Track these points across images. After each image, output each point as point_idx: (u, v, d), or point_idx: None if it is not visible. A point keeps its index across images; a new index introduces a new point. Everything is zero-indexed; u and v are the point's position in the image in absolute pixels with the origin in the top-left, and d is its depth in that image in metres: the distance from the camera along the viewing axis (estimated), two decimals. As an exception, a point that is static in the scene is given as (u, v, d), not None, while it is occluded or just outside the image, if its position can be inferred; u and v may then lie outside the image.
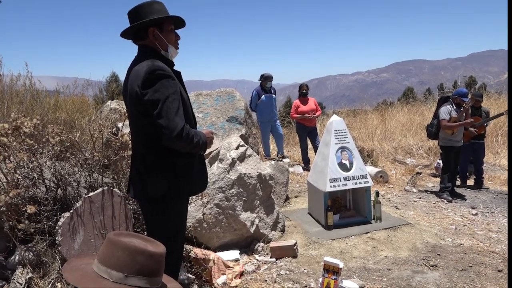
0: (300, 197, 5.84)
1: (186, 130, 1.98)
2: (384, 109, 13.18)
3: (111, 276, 1.23)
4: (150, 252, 1.26)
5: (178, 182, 2.15)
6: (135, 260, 1.24)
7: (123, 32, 2.18)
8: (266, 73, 7.50)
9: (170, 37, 2.19)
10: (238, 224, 3.91)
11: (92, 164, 3.21)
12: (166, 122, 1.94)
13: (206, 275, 3.25)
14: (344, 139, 4.70)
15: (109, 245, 1.26)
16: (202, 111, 5.31)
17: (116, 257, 1.24)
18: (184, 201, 2.30)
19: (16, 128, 2.93)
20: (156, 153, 2.11)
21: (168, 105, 1.96)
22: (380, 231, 4.34)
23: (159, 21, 2.13)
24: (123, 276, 1.22)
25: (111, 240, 1.27)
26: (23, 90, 5.95)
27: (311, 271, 3.52)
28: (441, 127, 5.86)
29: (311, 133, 7.67)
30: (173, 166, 2.13)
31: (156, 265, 1.28)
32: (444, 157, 6.10)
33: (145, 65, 2.03)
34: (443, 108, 5.90)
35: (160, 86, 1.98)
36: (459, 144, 5.88)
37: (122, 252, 1.24)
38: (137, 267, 1.24)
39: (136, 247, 1.25)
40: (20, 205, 2.76)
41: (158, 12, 2.12)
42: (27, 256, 2.76)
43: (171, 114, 1.95)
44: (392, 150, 9.40)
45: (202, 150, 2.17)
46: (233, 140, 4.29)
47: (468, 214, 5.19)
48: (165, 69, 2.04)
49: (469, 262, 3.63)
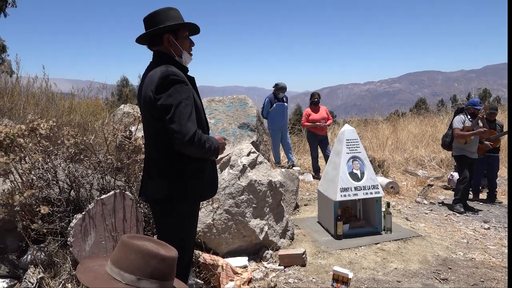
0: (309, 206, 5.82)
1: (198, 135, 2.00)
2: (396, 119, 13.09)
3: (123, 278, 1.24)
4: (163, 256, 1.27)
5: (189, 186, 2.17)
6: (148, 263, 1.25)
7: (138, 38, 2.22)
8: (280, 83, 7.53)
9: (184, 43, 2.22)
10: (247, 230, 3.91)
11: (105, 167, 3.25)
12: (178, 127, 1.96)
13: (214, 281, 3.26)
14: (356, 148, 4.68)
15: (123, 248, 1.28)
16: (214, 117, 5.34)
17: (129, 260, 1.25)
18: (193, 206, 2.30)
19: (32, 130, 2.99)
20: (168, 158, 2.13)
21: (180, 110, 1.98)
22: (390, 242, 4.29)
23: (174, 28, 2.17)
24: (135, 279, 1.23)
25: (125, 242, 1.28)
26: (39, 92, 6.06)
27: (320, 280, 3.50)
28: (454, 135, 5.83)
29: (322, 141, 7.66)
30: (185, 171, 2.15)
31: (168, 269, 1.29)
32: (458, 167, 6.05)
33: (159, 70, 2.06)
34: (457, 117, 5.90)
35: (174, 91, 2.01)
36: (473, 156, 5.82)
37: (135, 255, 1.25)
38: (149, 270, 1.25)
39: (149, 250, 1.26)
40: (34, 206, 2.81)
41: (173, 19, 2.16)
42: (39, 256, 2.80)
43: (184, 119, 1.97)
44: (403, 161, 9.31)
45: (214, 155, 2.18)
46: (245, 147, 4.30)
47: (480, 228, 5.11)
48: (179, 75, 2.06)
49: (480, 277, 3.57)
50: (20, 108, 5.16)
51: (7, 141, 2.80)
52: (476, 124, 5.72)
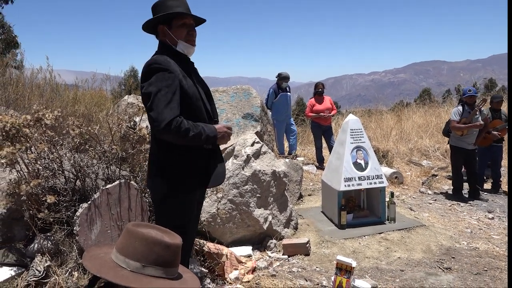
0: (313, 196, 5.84)
1: (176, 123, 1.97)
2: (400, 110, 13.02)
3: (128, 266, 1.26)
4: (167, 243, 1.29)
5: (183, 177, 2.16)
6: (152, 250, 1.27)
7: (143, 28, 2.26)
8: (283, 73, 7.50)
9: (179, 32, 2.18)
10: (252, 220, 3.94)
11: (110, 157, 3.27)
12: (156, 115, 1.97)
13: (219, 270, 3.29)
14: (360, 138, 4.67)
15: (128, 235, 1.29)
16: (218, 107, 5.31)
17: (134, 247, 1.27)
18: (189, 196, 2.25)
19: (38, 120, 3.00)
20: (163, 148, 2.14)
21: (159, 98, 1.98)
22: (394, 232, 4.31)
23: (164, 18, 2.16)
24: (140, 266, 1.25)
25: (130, 230, 1.30)
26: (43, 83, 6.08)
27: (323, 269, 3.52)
28: (451, 128, 5.82)
29: (326, 132, 7.64)
30: (179, 161, 2.15)
31: (173, 255, 1.31)
32: (452, 157, 6.07)
33: (148, 60, 2.12)
34: (454, 109, 5.90)
35: (155, 79, 2.02)
36: (470, 147, 5.81)
37: (140, 242, 1.27)
38: (154, 257, 1.26)
39: (154, 238, 1.28)
40: (40, 195, 2.84)
41: (170, 8, 2.15)
42: (46, 245, 2.83)
43: (160, 106, 1.97)
44: (407, 151, 9.29)
45: (208, 143, 2.15)
46: (249, 137, 4.31)
47: (485, 218, 5.12)
48: (162, 63, 2.05)
49: (484, 266, 3.58)
50: (25, 99, 5.18)
51: (13, 131, 2.82)
52: (474, 115, 5.68)
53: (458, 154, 5.91)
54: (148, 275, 1.25)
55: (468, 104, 5.78)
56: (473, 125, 5.66)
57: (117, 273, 1.24)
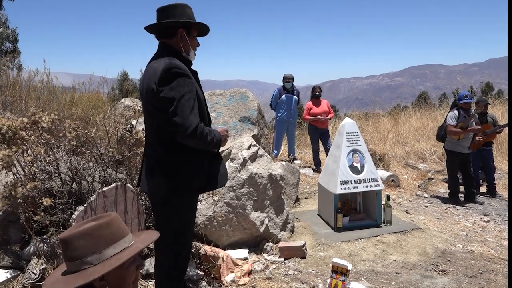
0: (310, 199, 5.85)
1: (200, 128, 2.04)
2: (397, 113, 13.08)
3: (90, 262, 1.26)
4: (105, 221, 1.31)
5: (189, 178, 2.18)
6: (99, 235, 1.28)
7: (150, 26, 2.23)
8: (285, 74, 7.60)
9: (193, 42, 2.29)
10: (248, 223, 3.95)
11: (106, 160, 3.28)
12: (181, 120, 1.99)
13: (215, 272, 3.29)
14: (356, 141, 4.70)
15: (68, 243, 1.28)
16: (215, 110, 5.35)
17: (81, 246, 1.26)
18: (193, 198, 2.31)
19: (34, 123, 3.01)
20: (170, 150, 2.14)
21: (183, 103, 2.01)
22: (390, 235, 4.32)
23: (189, 24, 2.22)
24: (99, 255, 1.26)
25: (65, 238, 1.28)
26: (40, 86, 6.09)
27: (319, 272, 3.53)
28: (447, 132, 5.87)
29: (323, 135, 7.67)
30: (186, 163, 2.17)
31: (117, 227, 1.33)
32: (448, 161, 6.12)
33: (163, 62, 2.08)
34: (450, 113, 5.93)
35: (176, 84, 2.03)
36: (465, 151, 5.86)
37: (84, 238, 1.27)
38: (104, 240, 1.28)
39: (92, 226, 1.29)
40: (36, 198, 2.84)
41: (188, 16, 2.22)
42: (42, 248, 2.83)
43: (186, 112, 2.00)
44: (404, 154, 9.33)
45: (217, 147, 2.23)
46: (245, 140, 4.32)
47: (480, 221, 5.14)
48: (182, 68, 2.08)
49: (479, 269, 3.60)
50: (22, 102, 5.19)
51: (9, 133, 2.82)
52: (469, 120, 5.72)
53: (454, 158, 5.95)
54: (112, 256, 1.27)
55: (464, 109, 5.83)
56: (471, 129, 5.71)
57: (88, 276, 1.23)
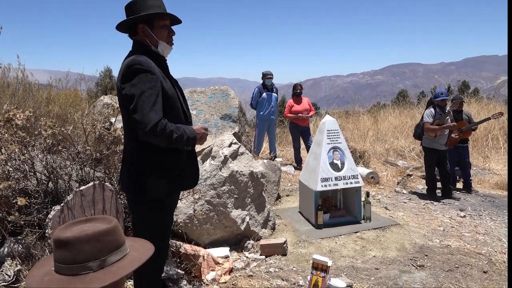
0: (291, 196, 5.88)
1: (161, 125, 1.96)
2: (377, 111, 13.27)
3: (91, 268, 1.22)
4: (111, 227, 1.28)
5: (165, 178, 2.14)
6: (105, 241, 1.25)
7: (117, 26, 2.18)
8: (265, 71, 7.58)
9: (161, 33, 2.17)
10: (229, 221, 3.93)
11: (84, 158, 3.22)
12: (140, 117, 1.93)
13: (195, 271, 3.27)
14: (337, 139, 4.74)
15: (69, 245, 1.22)
16: (196, 108, 5.31)
17: (86, 251, 1.22)
18: (167, 198, 2.25)
19: (8, 120, 2.93)
20: (142, 148, 2.09)
21: (143, 100, 1.95)
22: (370, 231, 4.38)
23: (147, 18, 2.13)
24: (101, 261, 1.23)
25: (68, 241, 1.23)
26: (15, 83, 5.90)
27: (300, 269, 3.55)
28: (424, 129, 6.00)
29: (304, 133, 7.72)
30: (160, 162, 2.12)
31: (119, 234, 1.31)
32: (426, 158, 6.27)
33: (127, 59, 2.05)
34: (427, 111, 6.07)
35: (137, 81, 1.98)
36: (442, 147, 6.00)
37: (89, 243, 1.22)
38: (108, 246, 1.25)
39: (99, 232, 1.25)
40: (11, 197, 2.76)
41: (151, 8, 2.12)
42: (17, 249, 2.76)
43: (145, 109, 1.94)
44: (384, 151, 9.47)
45: (189, 145, 2.16)
46: (226, 138, 4.30)
47: (457, 216, 5.26)
48: (144, 64, 2.02)
49: (455, 263, 3.68)
50: (-5, 99, 5.03)
51: (-19, 132, 2.74)
52: (445, 118, 5.87)
53: (432, 155, 6.09)
54: (113, 263, 1.24)
55: (440, 106, 5.97)
56: (447, 126, 5.84)
57: (86, 280, 1.20)
